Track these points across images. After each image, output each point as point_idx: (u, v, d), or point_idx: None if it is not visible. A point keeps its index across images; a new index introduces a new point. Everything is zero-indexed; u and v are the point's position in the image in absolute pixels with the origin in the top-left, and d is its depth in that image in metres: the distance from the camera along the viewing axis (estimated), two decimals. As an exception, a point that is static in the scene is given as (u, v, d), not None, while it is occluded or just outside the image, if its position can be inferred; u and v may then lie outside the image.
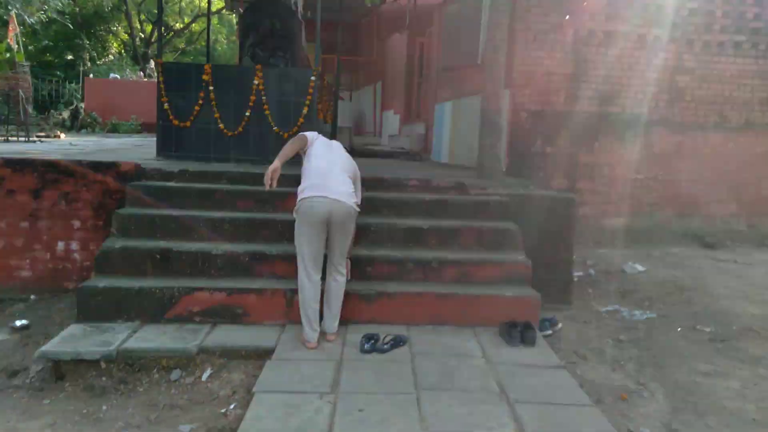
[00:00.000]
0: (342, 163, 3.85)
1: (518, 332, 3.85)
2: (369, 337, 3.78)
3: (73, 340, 3.67)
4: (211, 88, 6.04)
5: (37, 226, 4.77)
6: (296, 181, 3.80)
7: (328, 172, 3.68)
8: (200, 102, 6.07)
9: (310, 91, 6.00)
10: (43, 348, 3.53)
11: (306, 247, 3.65)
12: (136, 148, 8.18)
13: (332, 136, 7.87)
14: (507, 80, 6.03)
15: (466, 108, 8.15)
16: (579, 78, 7.11)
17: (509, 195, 5.09)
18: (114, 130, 16.20)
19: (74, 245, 4.83)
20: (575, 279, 5.50)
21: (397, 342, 3.77)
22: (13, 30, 9.93)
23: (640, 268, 6.30)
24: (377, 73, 13.54)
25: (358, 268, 4.28)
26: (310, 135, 3.92)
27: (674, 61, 7.36)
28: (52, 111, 16.88)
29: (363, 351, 3.66)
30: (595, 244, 7.11)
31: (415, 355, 3.66)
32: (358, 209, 3.78)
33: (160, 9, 6.43)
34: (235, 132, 6.09)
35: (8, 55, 9.72)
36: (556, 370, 3.53)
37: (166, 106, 6.10)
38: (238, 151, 6.11)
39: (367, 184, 5.00)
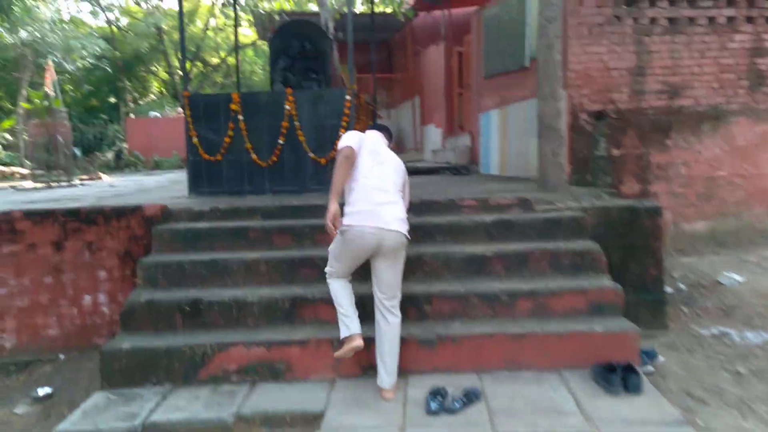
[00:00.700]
0: (394, 176, 3.40)
1: (619, 377, 3.13)
2: (435, 393, 3.15)
3: (95, 413, 3.20)
4: (240, 117, 5.62)
5: (61, 280, 4.40)
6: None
7: (380, 194, 3.25)
8: (230, 133, 5.66)
9: (346, 111, 5.50)
10: (61, 426, 3.07)
11: (343, 266, 3.34)
12: (173, 185, 7.90)
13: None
14: (562, 81, 5.36)
15: (515, 115, 7.49)
16: (643, 71, 6.34)
17: (582, 208, 4.39)
18: (157, 167, 16.32)
19: (102, 298, 4.43)
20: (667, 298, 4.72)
21: (470, 397, 3.12)
22: (50, 77, 9.96)
23: (738, 278, 5.41)
24: (415, 88, 13.04)
25: (414, 307, 3.68)
26: (356, 142, 3.34)
27: (752, 43, 6.49)
28: (97, 153, 17.17)
29: (430, 412, 3.03)
30: (678, 252, 6.25)
31: (495, 413, 3.00)
32: (408, 239, 3.34)
33: (182, 38, 6.10)
34: (269, 162, 5.64)
35: (46, 102, 9.69)
36: (679, 428, 2.79)
37: (195, 140, 5.72)
38: (273, 182, 5.65)
39: (415, 208, 4.44)
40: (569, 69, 6.19)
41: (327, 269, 3.43)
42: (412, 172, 9.02)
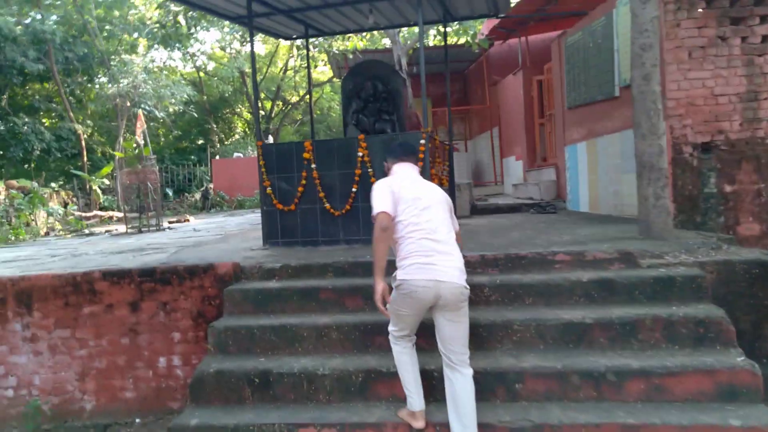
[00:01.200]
0: (442, 215, 3.08)
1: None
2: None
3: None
4: (313, 165, 5.48)
5: (137, 341, 4.36)
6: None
7: (432, 243, 2.96)
8: (303, 182, 5.52)
9: (421, 156, 5.20)
10: None
11: (404, 324, 3.06)
12: (251, 231, 7.92)
13: (451, 196, 6.98)
14: (662, 114, 4.78)
15: (605, 148, 6.88)
16: (757, 96, 5.58)
17: (699, 263, 3.78)
18: (240, 206, 16.83)
19: (176, 360, 4.33)
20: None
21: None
22: (141, 127, 10.51)
23: None
24: (492, 119, 12.60)
25: (503, 386, 3.24)
26: (391, 202, 3.02)
27: None
28: (186, 194, 18.01)
29: None
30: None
31: None
32: (468, 289, 3.02)
33: (257, 96, 6.09)
34: (343, 210, 5.43)
35: (137, 150, 10.19)
36: None
37: (269, 190, 5.64)
38: (347, 231, 5.43)
39: (500, 264, 4.02)
40: (669, 98, 5.56)
41: (390, 328, 3.17)
42: (493, 210, 8.66)
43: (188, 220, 12.48)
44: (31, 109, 18.91)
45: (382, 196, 3.05)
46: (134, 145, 10.62)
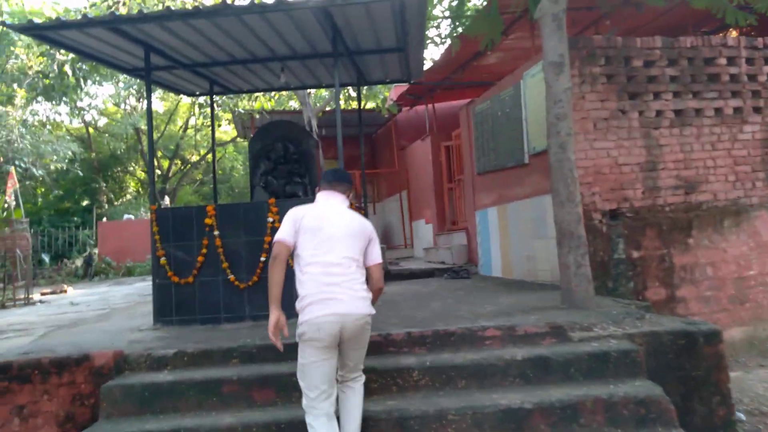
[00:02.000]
0: (346, 245, 2.95)
1: None
2: None
3: None
4: (216, 232, 4.91)
5: (-21, 458, 3.42)
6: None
7: (330, 276, 2.87)
8: (204, 251, 4.92)
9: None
10: None
11: (318, 378, 2.84)
12: (140, 305, 6.97)
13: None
14: (578, 182, 4.83)
15: (517, 214, 6.93)
16: (655, 166, 5.89)
17: (628, 335, 3.66)
18: (129, 273, 15.32)
19: (33, 480, 3.43)
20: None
21: None
22: (12, 186, 9.27)
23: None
24: (401, 182, 12.63)
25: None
26: (290, 232, 2.95)
27: (763, 133, 6.16)
28: (66, 260, 16.17)
29: None
30: (717, 367, 5.48)
31: None
32: (373, 312, 2.98)
33: (152, 155, 5.50)
34: (249, 282, 4.87)
35: (5, 214, 8.92)
36: None
37: (162, 260, 4.95)
38: (254, 306, 4.85)
39: (428, 342, 3.67)
40: (577, 166, 5.67)
41: (303, 402, 2.91)
42: (408, 276, 8.39)
43: (65, 291, 11.04)
44: None
45: (285, 224, 2.99)
46: (4, 206, 9.30)
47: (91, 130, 23.06)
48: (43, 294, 10.74)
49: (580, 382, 3.35)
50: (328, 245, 2.91)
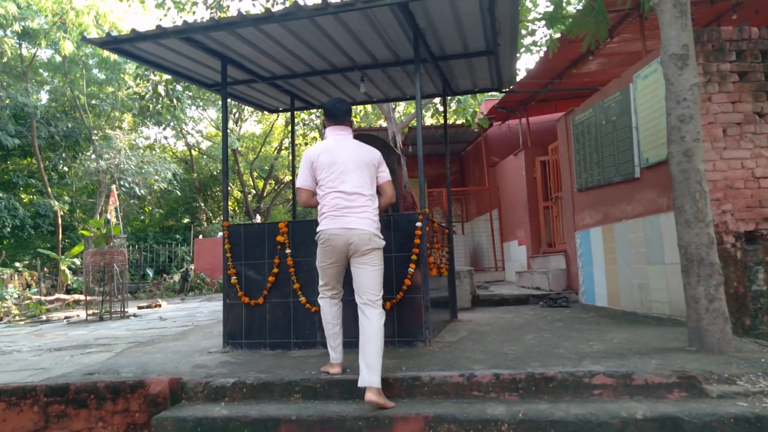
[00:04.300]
0: (356, 178, 3.42)
1: None
2: None
3: None
4: (288, 251, 4.59)
5: (33, 487, 3.23)
6: None
7: (343, 202, 3.39)
8: (275, 270, 4.61)
9: (416, 241, 4.33)
10: None
11: (326, 274, 3.53)
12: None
13: (451, 288, 6.05)
14: (709, 197, 3.99)
15: (625, 235, 6.06)
16: (805, 178, 4.85)
17: (787, 395, 2.80)
18: (222, 290, 15.73)
19: None
20: None
21: None
22: (113, 203, 9.70)
23: None
24: (492, 201, 11.92)
25: None
26: (308, 178, 3.53)
27: None
28: (164, 275, 16.95)
29: None
30: None
31: None
32: (382, 239, 3.44)
33: (225, 169, 5.33)
34: (321, 306, 4.47)
35: (105, 230, 9.31)
36: None
37: (233, 279, 4.71)
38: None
39: (520, 387, 3.04)
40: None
41: (318, 287, 3.59)
42: (496, 302, 7.69)
43: (159, 306, 11.38)
44: (10, 185, 18.23)
45: (302, 169, 3.54)
46: (104, 222, 9.74)
47: (194, 152, 24.44)
48: (139, 308, 11.14)
49: (723, 455, 2.57)
50: (342, 177, 3.41)
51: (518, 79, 6.75)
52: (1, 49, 14.65)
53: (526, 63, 28.03)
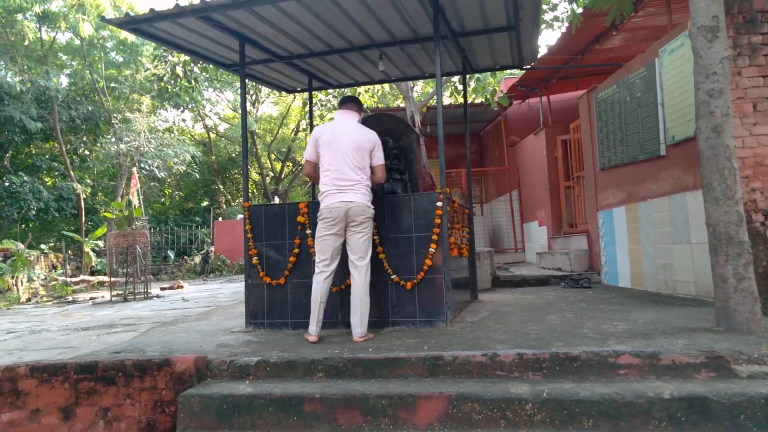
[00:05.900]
0: (350, 158, 3.95)
1: None
2: None
3: None
4: (308, 231, 4.60)
5: (66, 461, 3.32)
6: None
7: (339, 180, 3.95)
8: (296, 251, 4.63)
9: (437, 221, 4.30)
10: None
11: (324, 247, 4.00)
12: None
13: (471, 268, 6.03)
14: (738, 174, 3.88)
15: (650, 214, 5.95)
16: (840, 154, 4.69)
17: (820, 375, 2.74)
18: (242, 271, 15.91)
19: (115, 489, 3.27)
20: None
21: None
22: (135, 186, 9.82)
23: None
24: (512, 181, 11.80)
25: None
26: (312, 151, 4.09)
27: None
28: (186, 257, 17.18)
29: None
30: None
31: None
32: (372, 209, 4.04)
33: (245, 149, 5.32)
34: (342, 286, 4.49)
35: (127, 212, 9.43)
36: None
37: (255, 260, 4.74)
38: (347, 311, 4.43)
39: (544, 367, 3.02)
40: (732, 156, 4.68)
41: (316, 263, 4.08)
42: (517, 282, 7.65)
43: (181, 287, 11.56)
44: (33, 168, 18.55)
45: (309, 144, 4.10)
46: (125, 204, 9.87)
47: (212, 135, 24.56)
48: (162, 289, 11.33)
49: (753, 435, 2.53)
50: (340, 156, 3.93)
51: (539, 56, 6.60)
52: (23, 32, 14.79)
53: (547, 39, 27.48)
